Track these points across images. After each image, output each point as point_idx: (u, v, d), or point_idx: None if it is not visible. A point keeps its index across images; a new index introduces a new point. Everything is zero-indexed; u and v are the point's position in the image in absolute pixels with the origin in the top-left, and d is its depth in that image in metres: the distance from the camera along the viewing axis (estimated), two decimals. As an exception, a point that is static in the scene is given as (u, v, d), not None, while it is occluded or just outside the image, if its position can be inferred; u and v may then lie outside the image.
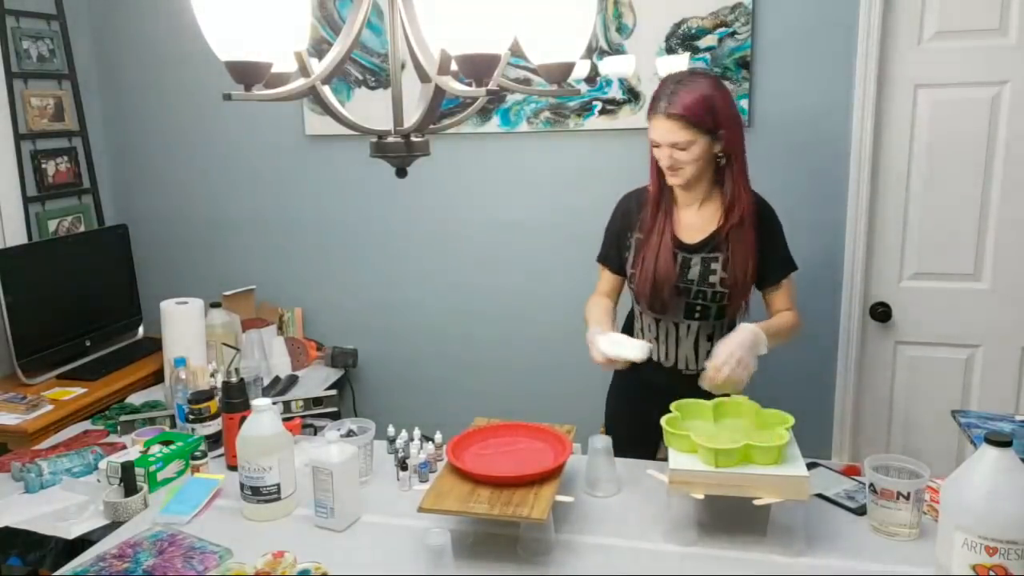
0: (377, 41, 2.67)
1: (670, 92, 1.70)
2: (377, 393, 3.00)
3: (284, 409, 2.11)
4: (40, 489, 1.75)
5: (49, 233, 2.79)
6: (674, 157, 1.72)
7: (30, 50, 2.72)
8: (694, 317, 1.86)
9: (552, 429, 1.65)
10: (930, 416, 2.48)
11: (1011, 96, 2.26)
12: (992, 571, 1.20)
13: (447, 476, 1.50)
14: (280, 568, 1.37)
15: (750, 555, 1.42)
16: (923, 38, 2.30)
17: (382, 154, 1.19)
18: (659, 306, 1.85)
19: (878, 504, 1.45)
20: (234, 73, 1.01)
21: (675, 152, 1.72)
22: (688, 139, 1.70)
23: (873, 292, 2.49)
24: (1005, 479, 1.20)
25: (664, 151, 1.73)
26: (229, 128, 2.91)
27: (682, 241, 1.83)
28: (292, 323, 2.93)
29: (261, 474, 1.56)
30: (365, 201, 2.84)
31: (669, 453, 1.52)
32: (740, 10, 2.37)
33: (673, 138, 1.70)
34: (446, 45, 1.03)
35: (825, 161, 2.44)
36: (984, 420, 1.77)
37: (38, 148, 2.76)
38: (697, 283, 1.83)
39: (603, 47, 2.51)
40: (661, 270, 1.80)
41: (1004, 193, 2.31)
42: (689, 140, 1.70)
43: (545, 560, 1.42)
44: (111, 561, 1.42)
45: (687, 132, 1.69)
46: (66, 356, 2.60)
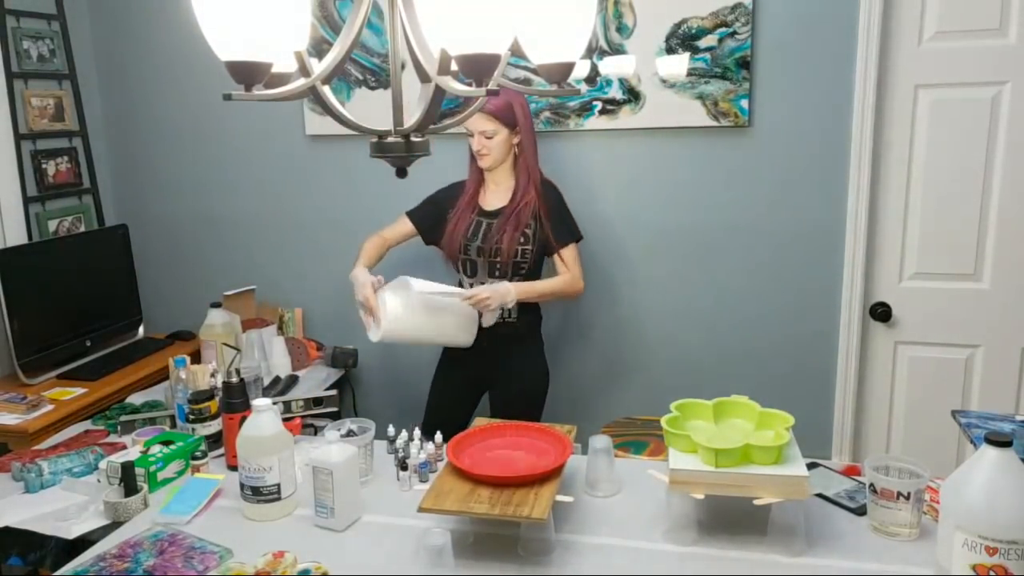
0: (377, 41, 2.67)
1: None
2: (377, 393, 3.00)
3: (284, 409, 2.10)
4: (40, 489, 1.75)
5: (49, 233, 2.79)
6: (482, 143, 2.22)
7: (30, 50, 2.72)
8: (496, 275, 2.27)
9: (552, 429, 1.65)
10: (930, 416, 2.48)
11: (1011, 96, 2.26)
12: (992, 571, 1.20)
13: (447, 476, 1.50)
14: (280, 568, 1.37)
15: (750, 555, 1.42)
16: (923, 38, 2.30)
17: (382, 154, 1.19)
18: (471, 267, 2.31)
19: (878, 504, 1.45)
20: (234, 73, 1.01)
21: (483, 140, 2.22)
22: (491, 130, 2.21)
23: (873, 292, 2.49)
24: (1005, 479, 1.20)
25: (475, 138, 2.23)
26: (229, 128, 2.91)
27: (484, 209, 2.31)
28: (292, 323, 2.93)
29: (261, 474, 1.56)
30: (365, 201, 2.84)
31: (669, 453, 1.52)
32: (740, 10, 2.37)
33: (481, 127, 2.20)
34: (446, 45, 1.02)
35: (825, 161, 2.44)
36: (984, 420, 1.77)
37: (38, 148, 2.76)
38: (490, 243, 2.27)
39: (603, 47, 2.51)
40: (461, 231, 2.29)
41: (1004, 193, 2.32)
42: (493, 131, 2.21)
43: (545, 560, 1.42)
44: (111, 561, 1.42)
45: (490, 123, 2.20)
46: (66, 356, 2.60)
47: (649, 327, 2.69)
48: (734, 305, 2.61)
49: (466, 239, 2.29)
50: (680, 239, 2.61)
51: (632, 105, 2.52)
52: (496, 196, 2.32)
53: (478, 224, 2.30)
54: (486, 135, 2.22)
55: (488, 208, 2.31)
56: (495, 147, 2.24)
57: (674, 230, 2.61)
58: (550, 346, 2.79)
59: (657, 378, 2.71)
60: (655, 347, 2.70)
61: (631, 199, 2.62)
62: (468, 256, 2.30)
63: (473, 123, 2.20)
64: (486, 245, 2.27)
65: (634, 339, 2.71)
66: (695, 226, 2.58)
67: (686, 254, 2.61)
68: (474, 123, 2.21)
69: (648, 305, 2.68)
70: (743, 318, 2.61)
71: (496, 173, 2.30)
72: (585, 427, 1.91)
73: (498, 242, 2.25)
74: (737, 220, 2.54)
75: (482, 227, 2.29)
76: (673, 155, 2.55)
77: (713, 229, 2.57)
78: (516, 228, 2.25)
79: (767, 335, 2.59)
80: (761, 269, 2.56)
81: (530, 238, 2.26)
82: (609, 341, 2.71)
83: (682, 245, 2.61)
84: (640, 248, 2.64)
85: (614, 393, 2.75)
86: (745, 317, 2.61)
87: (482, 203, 2.32)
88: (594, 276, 2.67)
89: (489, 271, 2.29)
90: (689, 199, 2.57)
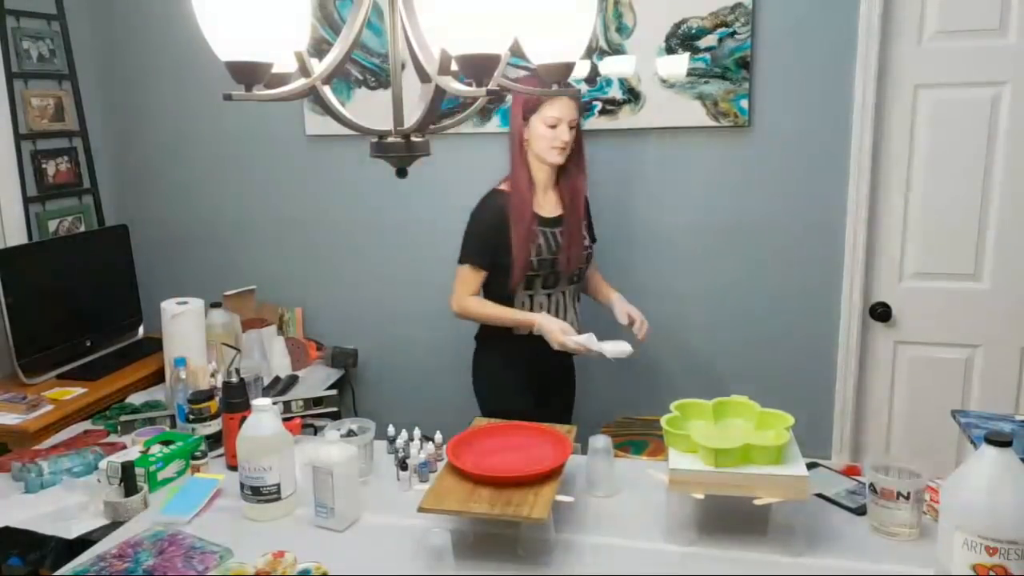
0: (377, 41, 2.67)
1: None
2: (377, 393, 3.00)
3: (284, 409, 2.10)
4: (40, 489, 1.75)
5: (49, 233, 2.79)
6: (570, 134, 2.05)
7: (30, 50, 2.72)
8: (574, 281, 2.20)
9: (552, 429, 1.65)
10: (930, 416, 2.48)
11: (1011, 96, 2.26)
12: (992, 571, 1.20)
13: (447, 476, 1.50)
14: (280, 568, 1.37)
15: (750, 555, 1.42)
16: (923, 38, 2.30)
17: (382, 154, 1.19)
18: (554, 279, 2.15)
19: (878, 504, 1.45)
20: (234, 73, 1.01)
21: (570, 130, 2.04)
22: (577, 118, 2.06)
23: (873, 292, 2.49)
24: (1005, 479, 1.20)
25: (564, 127, 2.02)
26: (229, 128, 2.91)
27: (544, 218, 2.13)
28: (292, 323, 2.93)
29: (261, 474, 1.56)
30: (365, 201, 2.84)
31: (669, 453, 1.52)
32: (740, 10, 2.37)
33: (574, 114, 2.04)
34: (446, 45, 1.03)
35: (825, 161, 2.44)
36: (984, 420, 1.76)
37: (38, 148, 2.76)
38: None
39: (603, 47, 2.51)
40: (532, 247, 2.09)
41: (1004, 193, 2.32)
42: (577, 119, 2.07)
43: (545, 560, 1.42)
44: (111, 561, 1.41)
45: (577, 111, 2.05)
46: (66, 356, 2.59)
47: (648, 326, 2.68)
48: (734, 305, 2.61)
49: (540, 255, 2.10)
50: (680, 239, 2.61)
51: (632, 105, 2.52)
52: (546, 200, 2.16)
53: (543, 235, 2.12)
54: (572, 124, 2.04)
55: (546, 215, 2.14)
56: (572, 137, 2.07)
57: (674, 230, 2.61)
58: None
59: (657, 378, 2.71)
60: (655, 347, 2.70)
61: (630, 199, 2.62)
62: (541, 271, 2.12)
63: (564, 110, 2.01)
64: (562, 255, 2.12)
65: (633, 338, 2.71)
66: (694, 226, 2.58)
67: (685, 254, 2.61)
68: (565, 110, 2.01)
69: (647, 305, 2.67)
70: (743, 318, 2.61)
71: (545, 172, 2.13)
72: (585, 427, 1.91)
73: (573, 248, 2.13)
74: (737, 220, 2.54)
75: (548, 237, 2.12)
76: (673, 155, 2.55)
77: (713, 229, 2.57)
78: (581, 229, 2.17)
79: (767, 335, 2.59)
80: (761, 269, 2.56)
81: (590, 236, 2.24)
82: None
83: (682, 245, 2.61)
84: (639, 248, 2.64)
85: (614, 393, 2.75)
86: (745, 317, 2.61)
87: (538, 211, 2.13)
88: (594, 276, 2.67)
89: (568, 280, 2.18)
90: (689, 199, 2.57)
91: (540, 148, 2.06)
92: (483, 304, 2.15)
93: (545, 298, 2.17)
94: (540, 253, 2.10)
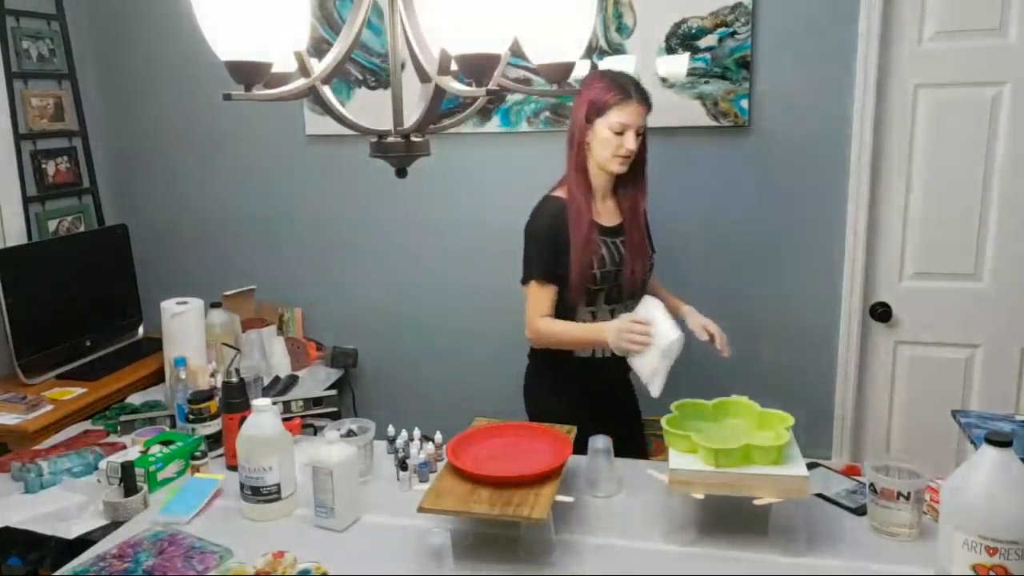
0: (377, 41, 2.67)
1: (628, 81, 1.89)
2: (377, 393, 3.00)
3: (284, 409, 2.11)
4: (40, 489, 1.74)
5: (49, 233, 2.79)
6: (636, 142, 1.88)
7: (30, 50, 2.72)
8: (638, 294, 2.00)
9: (552, 429, 1.65)
10: (930, 416, 2.47)
11: (1011, 96, 2.26)
12: (992, 571, 1.20)
13: (447, 476, 1.50)
14: (280, 568, 1.37)
15: (750, 555, 1.42)
16: (923, 38, 2.30)
17: (382, 154, 1.19)
18: (617, 293, 1.98)
19: (878, 504, 1.45)
20: (234, 73, 1.01)
21: (636, 138, 1.88)
22: (645, 125, 1.91)
23: (873, 292, 2.49)
24: (1005, 479, 1.20)
25: (630, 135, 1.86)
26: (229, 128, 2.91)
27: (606, 227, 1.97)
28: (292, 323, 2.93)
29: (261, 474, 1.56)
30: (365, 201, 2.84)
31: (669, 453, 1.52)
32: (740, 10, 2.37)
33: (643, 121, 1.89)
34: (446, 45, 1.03)
35: (825, 161, 2.44)
36: (984, 420, 1.77)
37: (38, 148, 2.76)
38: None
39: (603, 47, 2.51)
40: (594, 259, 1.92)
41: (1004, 193, 2.31)
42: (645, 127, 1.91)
43: (545, 560, 1.42)
44: (111, 561, 1.42)
45: (646, 118, 1.90)
46: (66, 356, 2.59)
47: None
48: (733, 305, 2.60)
49: (603, 267, 1.93)
50: (679, 239, 2.60)
51: (632, 105, 2.52)
52: (604, 207, 1.99)
53: (605, 245, 1.95)
54: (640, 131, 1.89)
55: (606, 223, 1.97)
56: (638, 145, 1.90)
57: (673, 230, 2.60)
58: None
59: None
60: (655, 347, 2.70)
61: (631, 199, 2.61)
62: (604, 285, 1.95)
63: (633, 116, 1.85)
64: (627, 267, 1.96)
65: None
66: (694, 226, 2.58)
67: (685, 254, 2.61)
68: (635, 116, 1.85)
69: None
70: (743, 318, 2.61)
71: (604, 179, 1.96)
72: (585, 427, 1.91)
73: (637, 259, 1.97)
74: (736, 220, 2.54)
75: (611, 247, 1.95)
76: (673, 155, 2.55)
77: (712, 229, 2.57)
78: (645, 239, 2.01)
79: (767, 335, 2.59)
80: (761, 269, 2.56)
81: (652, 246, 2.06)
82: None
83: (681, 245, 2.61)
84: (640, 248, 2.64)
85: (614, 393, 2.74)
86: (744, 317, 2.60)
87: (598, 220, 1.96)
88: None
89: (631, 294, 2.00)
90: (688, 199, 2.57)
91: (602, 155, 1.89)
92: (553, 323, 1.95)
93: (608, 314, 1.98)
94: (603, 265, 1.92)
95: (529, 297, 1.97)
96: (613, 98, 1.85)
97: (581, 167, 1.94)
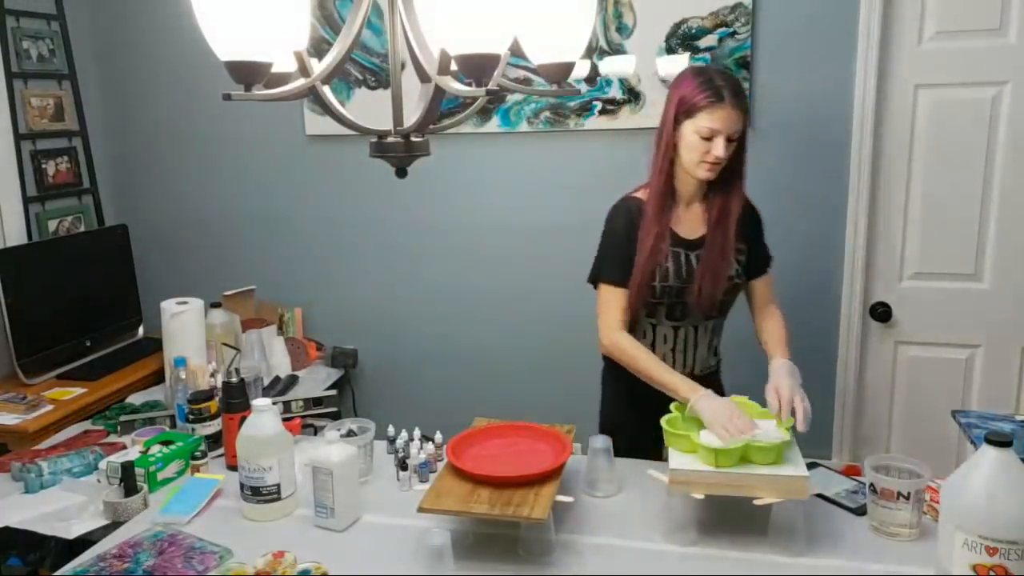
0: (377, 41, 2.67)
1: (725, 82, 1.67)
2: (377, 393, 3.00)
3: (284, 409, 2.11)
4: (40, 489, 1.74)
5: (49, 233, 2.79)
6: (726, 149, 1.68)
7: (30, 50, 2.72)
8: (712, 315, 1.83)
9: (552, 429, 1.65)
10: (930, 416, 2.47)
11: (1011, 96, 2.26)
12: (992, 571, 1.20)
13: (447, 476, 1.50)
14: (280, 568, 1.37)
15: (750, 555, 1.42)
16: (923, 38, 2.30)
17: (382, 154, 1.19)
18: (681, 311, 1.80)
19: (878, 504, 1.45)
20: (234, 73, 1.01)
21: (727, 144, 1.68)
22: (740, 131, 1.70)
23: (873, 292, 2.49)
24: (1005, 479, 1.20)
25: (720, 141, 1.67)
26: (229, 128, 2.91)
27: (683, 238, 1.79)
28: (292, 323, 2.93)
29: (261, 474, 1.56)
30: (365, 201, 2.84)
31: (669, 453, 1.52)
32: (740, 10, 2.37)
33: (736, 127, 1.67)
34: (446, 45, 1.03)
35: (825, 161, 2.44)
36: (984, 420, 1.77)
37: (38, 148, 2.76)
38: None
39: (603, 47, 2.51)
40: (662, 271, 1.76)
41: (1004, 193, 2.31)
42: (739, 132, 1.70)
43: (545, 560, 1.42)
44: (111, 561, 1.42)
45: (741, 123, 1.69)
46: (66, 356, 2.59)
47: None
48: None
49: (665, 280, 1.76)
50: (680, 239, 2.61)
51: (632, 105, 2.52)
52: (688, 215, 1.80)
53: (675, 257, 1.77)
54: (733, 137, 1.69)
55: (685, 234, 1.78)
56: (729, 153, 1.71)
57: (674, 230, 2.61)
58: (550, 344, 2.80)
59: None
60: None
61: (631, 199, 2.61)
62: (665, 300, 1.78)
63: (724, 121, 1.65)
64: (694, 285, 1.76)
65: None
66: (695, 226, 2.58)
67: (686, 254, 2.61)
68: (726, 121, 1.65)
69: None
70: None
71: (692, 185, 1.78)
72: (585, 427, 1.91)
73: (709, 277, 1.76)
74: (737, 220, 2.54)
75: (682, 260, 1.77)
76: (673, 155, 2.55)
77: (713, 229, 2.57)
78: (727, 256, 1.78)
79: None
80: (761, 269, 2.56)
81: (743, 265, 1.82)
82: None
83: (682, 245, 2.61)
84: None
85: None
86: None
87: (676, 229, 1.79)
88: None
89: (704, 315, 1.82)
90: (689, 199, 2.57)
91: (688, 160, 1.72)
92: (636, 347, 1.76)
93: (670, 330, 1.82)
94: (666, 279, 1.75)
95: (599, 300, 1.82)
96: (703, 100, 1.66)
97: (665, 168, 1.75)
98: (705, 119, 1.66)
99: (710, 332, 1.87)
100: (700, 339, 1.86)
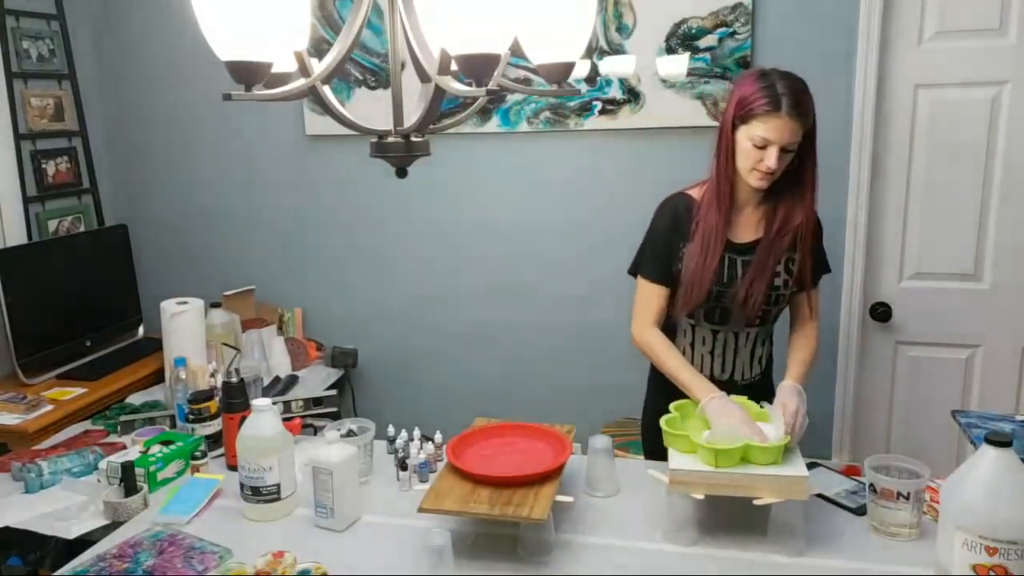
0: (377, 41, 2.67)
1: (786, 90, 1.59)
2: (377, 393, 3.00)
3: (284, 409, 2.11)
4: (40, 489, 1.74)
5: (49, 233, 2.79)
6: (780, 160, 1.60)
7: (30, 50, 2.72)
8: (755, 323, 1.77)
9: (552, 429, 1.65)
10: (930, 416, 2.48)
11: (1011, 96, 2.26)
12: (992, 571, 1.20)
13: (447, 476, 1.50)
14: (280, 568, 1.37)
15: (750, 555, 1.42)
16: (923, 38, 2.30)
17: (382, 154, 1.19)
18: (721, 315, 1.76)
19: (878, 504, 1.45)
20: (234, 73, 1.01)
21: (782, 155, 1.60)
22: (798, 141, 1.61)
23: (873, 292, 2.49)
24: (1005, 479, 1.20)
25: (772, 152, 1.59)
26: (229, 128, 2.91)
27: (732, 242, 1.72)
28: (292, 323, 2.93)
29: (261, 474, 1.56)
30: (365, 201, 2.84)
31: (669, 453, 1.52)
32: (740, 10, 2.37)
33: (792, 139, 1.59)
34: (446, 45, 1.03)
35: (825, 161, 2.42)
36: (984, 420, 1.77)
37: (38, 148, 2.76)
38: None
39: (603, 47, 2.51)
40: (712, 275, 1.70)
41: (1004, 193, 2.32)
42: (798, 143, 1.61)
43: (545, 560, 1.42)
44: (111, 561, 1.42)
45: (800, 134, 1.60)
46: (66, 356, 2.59)
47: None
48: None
49: (721, 284, 1.71)
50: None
51: (632, 105, 2.52)
52: (744, 219, 1.74)
53: (730, 263, 1.72)
54: (789, 148, 1.60)
55: (738, 239, 1.72)
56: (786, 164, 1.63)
57: (674, 230, 2.61)
58: (550, 344, 2.80)
59: (657, 378, 2.71)
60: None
61: (631, 199, 2.61)
62: (718, 304, 1.73)
63: (779, 132, 1.57)
64: (738, 291, 1.70)
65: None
66: (695, 226, 2.58)
67: (686, 254, 2.61)
68: (781, 132, 1.57)
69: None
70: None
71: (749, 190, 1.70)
72: (585, 427, 1.91)
73: (755, 285, 1.70)
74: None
75: (737, 267, 1.72)
76: (673, 155, 2.55)
77: (713, 229, 2.57)
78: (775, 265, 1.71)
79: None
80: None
81: (792, 275, 1.74)
82: (609, 340, 2.71)
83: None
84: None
85: (614, 393, 2.74)
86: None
87: (730, 235, 1.72)
88: (594, 276, 2.67)
89: (745, 320, 1.76)
90: (689, 199, 2.57)
91: (741, 166, 1.65)
92: (662, 343, 1.76)
93: (709, 333, 1.79)
94: (721, 282, 1.71)
95: (637, 292, 1.80)
96: (760, 107, 1.58)
97: (722, 169, 1.69)
98: (759, 127, 1.58)
99: (752, 341, 1.80)
100: (741, 346, 1.80)
